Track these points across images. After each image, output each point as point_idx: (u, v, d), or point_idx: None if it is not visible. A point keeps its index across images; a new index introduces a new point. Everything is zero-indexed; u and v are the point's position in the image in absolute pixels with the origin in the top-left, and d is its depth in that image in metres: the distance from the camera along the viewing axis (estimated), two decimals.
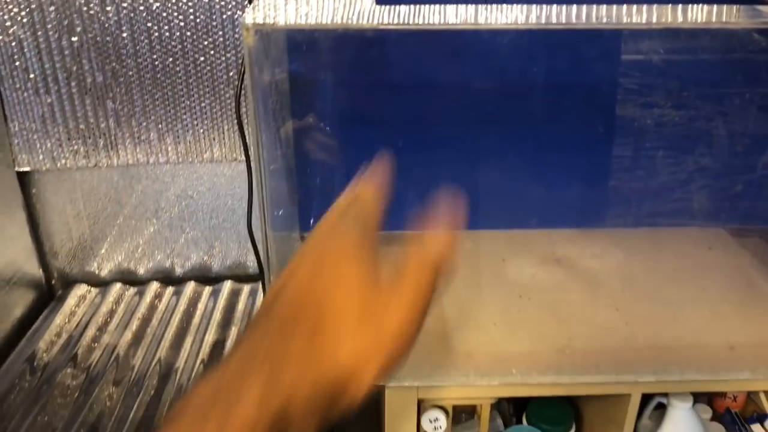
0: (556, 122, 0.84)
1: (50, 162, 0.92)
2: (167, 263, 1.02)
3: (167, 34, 0.86)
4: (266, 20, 0.54)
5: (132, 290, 1.00)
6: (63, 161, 0.92)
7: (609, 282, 0.82)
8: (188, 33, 0.86)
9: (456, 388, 0.69)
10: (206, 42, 0.86)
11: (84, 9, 0.83)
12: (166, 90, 0.89)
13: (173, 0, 0.84)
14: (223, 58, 0.87)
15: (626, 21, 0.53)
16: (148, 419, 0.74)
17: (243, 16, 0.54)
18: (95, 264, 1.01)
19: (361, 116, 0.89)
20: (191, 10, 0.85)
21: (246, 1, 0.85)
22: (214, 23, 0.86)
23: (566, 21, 0.53)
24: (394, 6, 0.56)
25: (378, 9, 0.56)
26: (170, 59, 0.87)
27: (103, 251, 1.00)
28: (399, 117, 0.88)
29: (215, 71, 0.88)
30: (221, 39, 0.86)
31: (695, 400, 0.78)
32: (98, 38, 0.85)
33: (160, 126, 0.91)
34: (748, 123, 0.76)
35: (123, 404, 0.76)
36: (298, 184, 0.91)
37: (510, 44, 0.71)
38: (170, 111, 0.90)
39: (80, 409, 0.75)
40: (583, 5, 0.52)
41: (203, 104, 0.90)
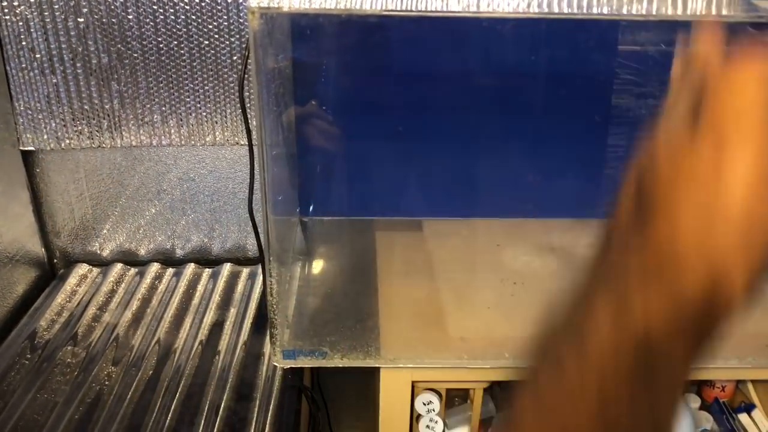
0: (554, 111, 0.85)
1: (54, 142, 0.93)
2: (168, 245, 1.03)
3: (172, 17, 0.86)
4: (271, 4, 0.55)
5: (133, 271, 1.01)
6: (67, 141, 0.93)
7: None
8: (193, 16, 0.87)
9: (449, 371, 0.71)
10: (211, 26, 0.87)
11: None
12: (171, 73, 0.90)
13: None
14: (227, 42, 0.88)
15: (625, 12, 0.54)
16: (146, 399, 0.75)
17: (249, 0, 0.55)
18: (97, 244, 1.02)
19: (362, 102, 0.90)
20: None
21: None
22: (219, 7, 0.86)
23: (566, 11, 0.54)
24: None
25: None
26: (175, 42, 0.88)
27: (105, 231, 1.01)
28: (398, 104, 0.88)
29: (219, 55, 0.89)
30: (226, 23, 0.87)
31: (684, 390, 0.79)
32: (104, 20, 0.86)
33: (164, 108, 0.92)
34: None
35: (122, 383, 0.77)
36: (299, 169, 0.92)
37: (509, 33, 0.72)
38: (174, 94, 0.91)
39: (80, 387, 0.76)
40: None
41: (207, 88, 0.91)
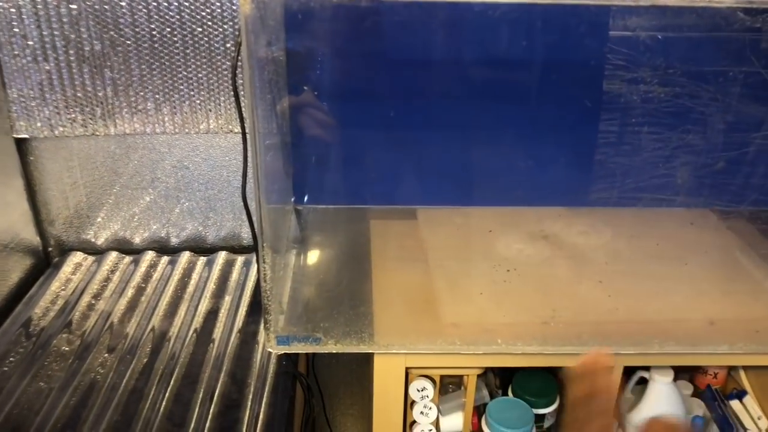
0: (546, 98, 0.85)
1: (48, 129, 0.92)
2: (163, 233, 1.03)
3: (165, 4, 0.86)
4: None
5: (127, 259, 1.01)
6: (60, 129, 0.93)
7: (594, 258, 0.84)
8: (186, 3, 0.86)
9: (442, 357, 0.71)
10: (204, 13, 0.87)
11: None
12: (164, 60, 0.89)
13: None
14: (221, 30, 0.88)
15: None
16: (141, 386, 0.75)
17: None
18: (92, 232, 1.02)
19: (356, 90, 0.89)
20: None
21: None
22: None
23: None
24: None
25: None
26: (168, 29, 0.87)
27: (100, 220, 1.01)
28: (392, 92, 0.88)
29: (212, 42, 0.89)
30: (219, 10, 0.87)
31: (677, 377, 0.80)
32: (97, 6, 0.85)
33: (157, 96, 0.91)
34: (732, 101, 0.77)
35: (116, 371, 0.78)
36: (293, 158, 0.92)
37: (501, 19, 0.72)
38: (167, 81, 0.91)
39: (74, 375, 0.76)
40: None
41: (200, 75, 0.91)
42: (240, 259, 1.01)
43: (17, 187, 0.94)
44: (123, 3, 0.86)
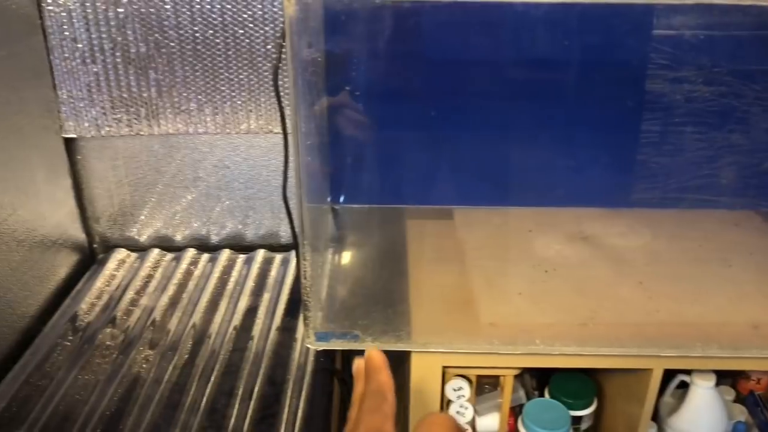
0: (586, 97, 0.84)
1: (95, 129, 0.95)
2: (203, 231, 1.05)
3: (208, 7, 0.88)
4: None
5: (169, 256, 1.03)
6: (107, 129, 0.95)
7: (634, 259, 0.83)
8: (228, 6, 0.88)
9: (480, 357, 0.71)
10: (245, 15, 0.89)
11: None
12: (206, 62, 0.91)
13: None
14: (262, 32, 0.90)
15: None
16: (183, 381, 0.77)
17: None
18: (135, 229, 1.05)
19: (394, 90, 0.90)
20: None
21: None
22: None
23: None
24: None
25: None
26: (210, 31, 0.89)
27: (143, 217, 1.04)
28: (430, 92, 0.89)
29: (253, 44, 0.90)
30: (260, 12, 0.88)
31: (719, 382, 0.78)
32: (142, 10, 0.88)
33: (200, 97, 0.93)
34: None
35: (159, 366, 0.80)
36: (330, 158, 0.93)
37: (541, 19, 0.72)
38: (209, 82, 0.93)
39: (119, 369, 0.79)
40: None
41: (241, 77, 0.92)
42: (278, 258, 1.03)
43: (65, 186, 0.97)
44: (167, 6, 0.88)
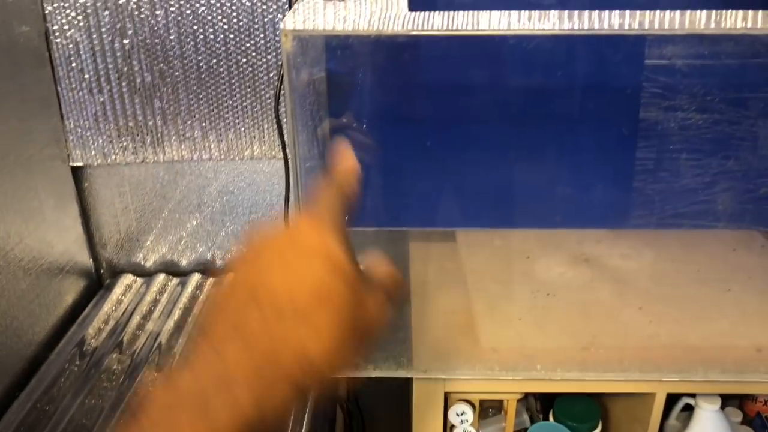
0: (582, 124, 0.85)
1: (101, 157, 0.97)
2: (208, 255, 1.06)
3: (212, 37, 0.90)
4: (305, 25, 0.57)
5: (175, 281, 1.04)
6: (113, 157, 0.97)
7: (636, 281, 0.83)
8: (231, 35, 0.90)
9: (481, 382, 0.71)
10: (248, 44, 0.90)
11: (135, 13, 0.88)
12: (210, 90, 0.93)
13: (218, 4, 0.88)
14: (264, 60, 0.91)
15: (649, 27, 0.54)
16: None
17: (283, 22, 0.57)
18: (141, 255, 1.06)
19: (395, 115, 0.91)
20: (234, 14, 0.89)
21: (286, 6, 0.88)
22: (256, 26, 0.89)
23: (592, 27, 0.54)
24: (427, 12, 0.58)
25: (411, 15, 0.58)
26: (214, 60, 0.91)
27: (149, 243, 1.05)
28: (430, 116, 0.90)
29: (256, 72, 0.92)
30: (263, 41, 0.90)
31: (726, 403, 0.78)
32: (148, 40, 0.89)
33: (204, 124, 0.95)
34: None
35: None
36: None
37: (537, 48, 0.73)
38: (213, 110, 0.94)
39: (125, 393, 0.79)
40: (607, 11, 0.54)
41: (245, 104, 0.94)
42: None
43: (73, 213, 0.98)
44: (172, 36, 0.90)
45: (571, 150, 0.87)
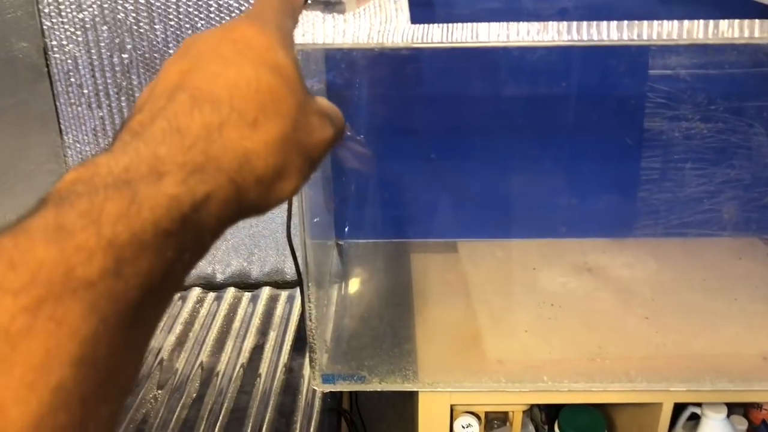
0: (586, 134, 0.85)
1: None
2: (209, 269, 1.06)
3: None
4: (306, 39, 0.57)
5: (175, 295, 1.03)
6: None
7: (640, 291, 0.83)
8: None
9: (487, 394, 0.71)
10: None
11: (134, 27, 0.88)
12: None
13: (217, 18, 0.88)
14: None
15: (653, 38, 0.54)
16: (191, 421, 0.77)
17: None
18: None
19: (396, 126, 0.91)
20: None
21: None
22: None
23: (594, 38, 0.54)
24: (428, 25, 0.58)
25: (411, 28, 0.58)
26: None
27: None
28: (433, 128, 0.90)
29: None
30: None
31: (730, 411, 0.78)
32: (147, 55, 0.89)
33: None
34: None
35: (167, 406, 0.79)
36: (334, 193, 0.94)
37: (540, 59, 0.73)
38: None
39: (127, 409, 0.79)
40: (613, 22, 0.54)
41: None
42: (284, 294, 1.03)
43: None
44: (171, 51, 0.89)
45: (575, 160, 0.87)
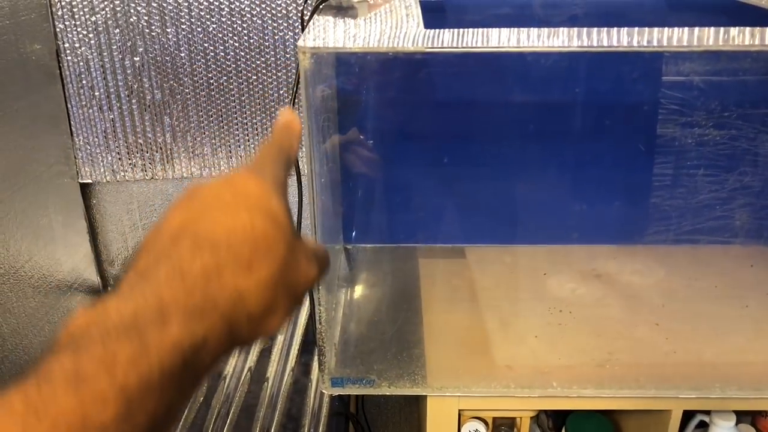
0: (598, 140, 0.85)
1: (110, 174, 0.97)
2: None
3: (222, 54, 0.90)
4: (320, 43, 0.57)
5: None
6: (122, 174, 0.97)
7: (649, 298, 0.83)
8: (242, 53, 0.90)
9: (496, 400, 0.71)
10: (258, 62, 0.91)
11: (146, 30, 0.89)
12: (220, 107, 0.93)
13: (229, 22, 0.89)
14: (274, 77, 0.91)
15: (666, 44, 0.54)
16: (198, 424, 0.77)
17: (302, 39, 0.57)
18: None
19: (405, 131, 0.91)
20: (245, 32, 0.89)
21: (297, 24, 0.88)
22: (267, 44, 0.90)
23: (605, 44, 0.55)
24: (440, 30, 0.58)
25: (422, 33, 0.58)
26: (224, 78, 0.91)
27: None
28: (442, 133, 0.90)
29: (266, 89, 0.92)
30: (273, 59, 0.90)
31: (738, 420, 0.77)
32: (158, 58, 0.90)
33: (214, 141, 0.95)
34: None
35: None
36: (342, 197, 0.94)
37: (553, 65, 0.73)
38: (224, 127, 0.94)
39: None
40: (624, 28, 0.54)
41: (254, 121, 0.94)
42: None
43: (81, 230, 0.98)
44: (183, 54, 0.90)
45: (585, 166, 0.87)
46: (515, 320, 0.80)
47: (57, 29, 0.88)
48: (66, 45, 0.89)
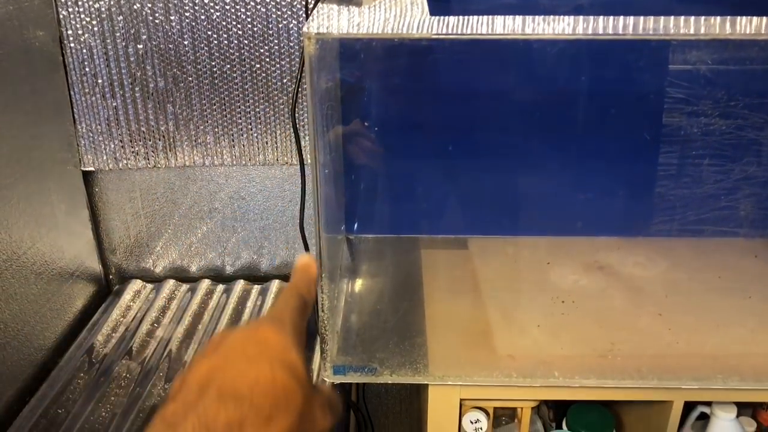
0: (603, 130, 0.85)
1: (113, 162, 0.97)
2: (218, 262, 1.06)
3: (226, 42, 0.90)
4: (326, 29, 0.57)
5: (184, 287, 1.03)
6: (124, 162, 0.97)
7: (652, 289, 0.83)
8: (246, 41, 0.90)
9: (498, 389, 0.71)
10: (262, 50, 0.90)
11: (150, 18, 0.88)
12: (223, 95, 0.93)
13: (232, 10, 0.88)
14: (278, 66, 0.91)
15: (673, 32, 0.54)
16: None
17: (308, 24, 0.57)
18: (150, 261, 1.05)
19: (407, 121, 0.91)
20: (249, 20, 0.89)
21: (301, 12, 0.88)
22: (270, 32, 0.89)
23: (611, 31, 0.54)
24: (445, 17, 0.58)
25: (427, 19, 0.58)
26: (228, 66, 0.91)
27: (158, 249, 1.05)
28: (444, 122, 0.89)
29: (270, 78, 0.92)
30: (276, 47, 0.90)
31: (739, 412, 0.77)
32: (161, 45, 0.90)
33: (217, 129, 0.95)
34: None
35: None
36: (345, 187, 0.94)
37: (558, 53, 0.73)
38: (226, 115, 0.94)
39: (135, 401, 0.79)
40: (631, 16, 0.54)
41: (258, 109, 0.94)
42: None
43: (83, 218, 0.98)
44: (186, 42, 0.90)
45: (590, 157, 0.87)
46: (517, 310, 0.80)
47: (60, 16, 0.88)
48: (69, 32, 0.88)
